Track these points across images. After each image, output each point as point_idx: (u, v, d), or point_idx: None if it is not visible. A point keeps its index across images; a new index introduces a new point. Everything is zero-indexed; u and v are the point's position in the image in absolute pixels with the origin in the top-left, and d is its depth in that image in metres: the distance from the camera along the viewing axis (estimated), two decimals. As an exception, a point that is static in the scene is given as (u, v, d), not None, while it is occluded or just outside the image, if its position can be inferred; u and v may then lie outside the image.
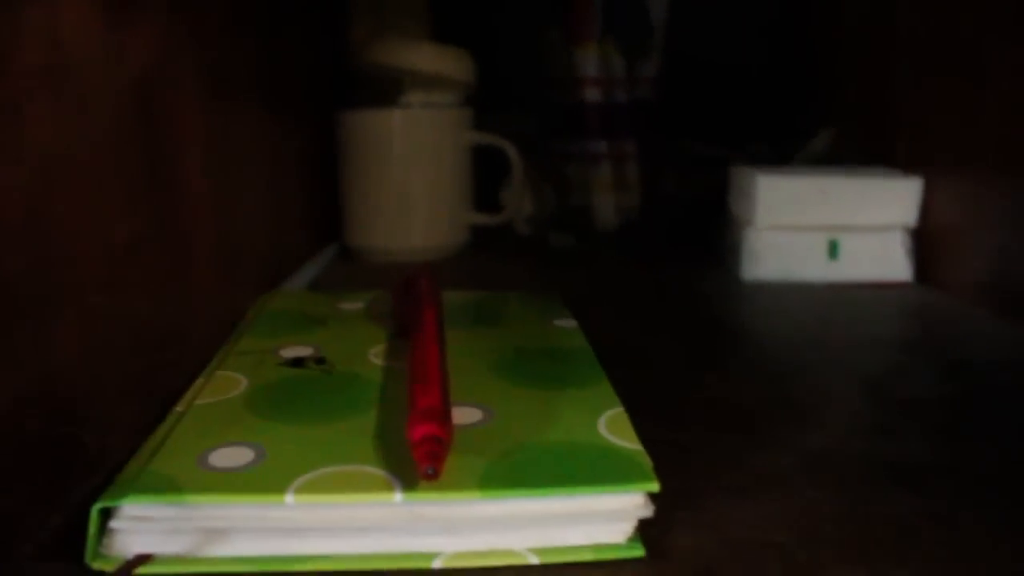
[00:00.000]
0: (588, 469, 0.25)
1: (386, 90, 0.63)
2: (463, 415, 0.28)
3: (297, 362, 0.34)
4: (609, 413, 0.29)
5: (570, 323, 0.40)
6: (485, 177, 0.68)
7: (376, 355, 0.35)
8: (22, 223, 0.23)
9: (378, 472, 0.24)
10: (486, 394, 0.31)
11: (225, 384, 0.32)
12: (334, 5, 0.67)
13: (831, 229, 0.57)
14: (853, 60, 0.68)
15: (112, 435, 0.28)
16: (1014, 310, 0.47)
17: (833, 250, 0.57)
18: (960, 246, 0.53)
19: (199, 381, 0.33)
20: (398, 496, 0.23)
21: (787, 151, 0.69)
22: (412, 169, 0.62)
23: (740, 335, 0.45)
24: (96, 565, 0.23)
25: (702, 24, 0.77)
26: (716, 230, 0.64)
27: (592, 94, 0.67)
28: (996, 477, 0.29)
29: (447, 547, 0.24)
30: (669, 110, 0.71)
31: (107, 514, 0.23)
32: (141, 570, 0.23)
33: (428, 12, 0.67)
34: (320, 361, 0.35)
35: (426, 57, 0.62)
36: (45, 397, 0.24)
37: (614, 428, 0.28)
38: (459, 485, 0.24)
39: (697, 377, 0.38)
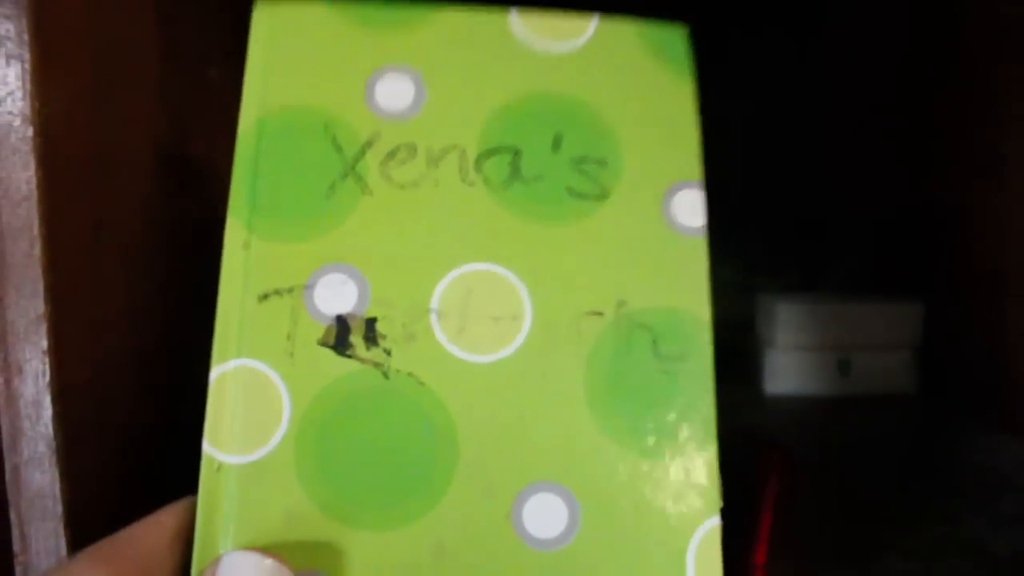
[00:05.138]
0: None
1: None
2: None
3: (341, 340, 0.19)
4: (703, 531, 0.19)
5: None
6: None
7: (442, 305, 0.18)
8: None
9: None
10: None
11: (255, 392, 0.19)
12: None
13: (843, 348, 0.64)
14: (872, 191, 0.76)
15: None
16: (1011, 423, 0.53)
17: (844, 368, 0.64)
18: (961, 363, 0.60)
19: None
20: None
21: (816, 278, 0.77)
22: None
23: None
24: None
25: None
26: (746, 350, 0.72)
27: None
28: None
29: None
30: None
31: None
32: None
33: None
34: (371, 335, 0.19)
35: None
36: None
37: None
38: None
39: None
